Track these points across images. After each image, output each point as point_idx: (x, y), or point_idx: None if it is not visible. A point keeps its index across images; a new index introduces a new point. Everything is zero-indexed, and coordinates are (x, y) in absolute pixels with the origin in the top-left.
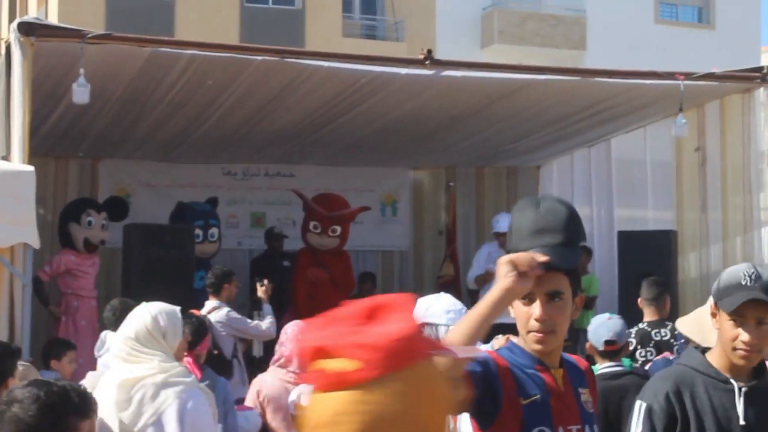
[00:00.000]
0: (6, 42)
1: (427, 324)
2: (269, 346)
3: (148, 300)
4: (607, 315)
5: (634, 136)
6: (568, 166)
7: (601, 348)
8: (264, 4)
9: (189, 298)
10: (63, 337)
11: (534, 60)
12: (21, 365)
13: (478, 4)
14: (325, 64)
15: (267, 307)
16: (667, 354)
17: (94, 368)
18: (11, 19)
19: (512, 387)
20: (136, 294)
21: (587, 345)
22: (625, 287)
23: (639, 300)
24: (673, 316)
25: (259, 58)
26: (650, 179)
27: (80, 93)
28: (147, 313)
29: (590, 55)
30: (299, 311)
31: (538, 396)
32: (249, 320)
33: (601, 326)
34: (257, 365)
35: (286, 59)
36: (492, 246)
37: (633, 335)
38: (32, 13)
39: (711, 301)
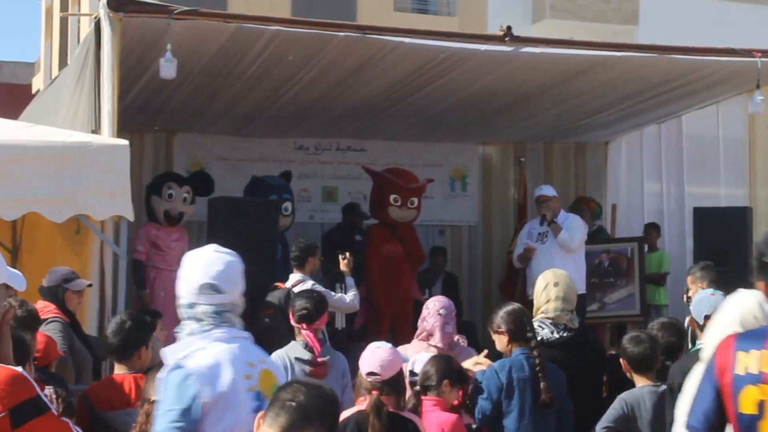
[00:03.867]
0: (95, 18)
1: None
2: (351, 318)
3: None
4: (710, 291)
5: (706, 112)
6: (638, 142)
7: (701, 322)
8: None
9: (273, 271)
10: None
11: (585, 35)
12: None
13: None
14: (407, 40)
15: (350, 280)
16: None
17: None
18: None
19: None
20: None
21: (688, 318)
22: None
23: (692, 279)
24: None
25: (342, 34)
26: (722, 156)
27: (167, 68)
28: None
29: (642, 31)
30: (373, 285)
31: None
32: (332, 293)
33: (703, 301)
34: (339, 338)
35: (368, 35)
36: (533, 223)
37: None
38: None
39: None
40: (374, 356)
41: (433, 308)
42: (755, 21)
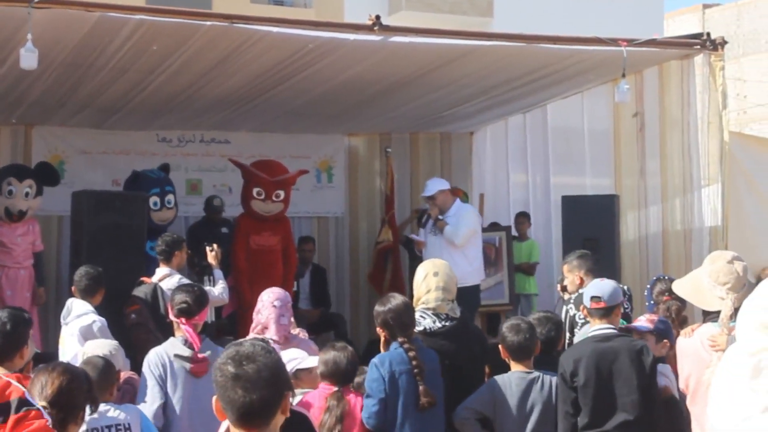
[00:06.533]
0: None
1: None
2: (220, 311)
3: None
4: (600, 279)
5: (571, 102)
6: (503, 133)
7: (588, 305)
8: None
9: (140, 266)
10: None
11: (441, 27)
12: None
13: None
14: (275, 29)
15: (218, 273)
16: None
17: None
18: None
19: None
20: (86, 262)
21: (581, 307)
22: (569, 251)
23: (569, 268)
24: (615, 278)
25: (208, 23)
26: (587, 145)
27: (28, 58)
28: None
29: (497, 22)
30: (240, 277)
31: None
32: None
33: (591, 286)
34: (209, 331)
35: (235, 24)
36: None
37: (573, 300)
38: None
39: None
40: None
41: (267, 300)
42: (606, 13)
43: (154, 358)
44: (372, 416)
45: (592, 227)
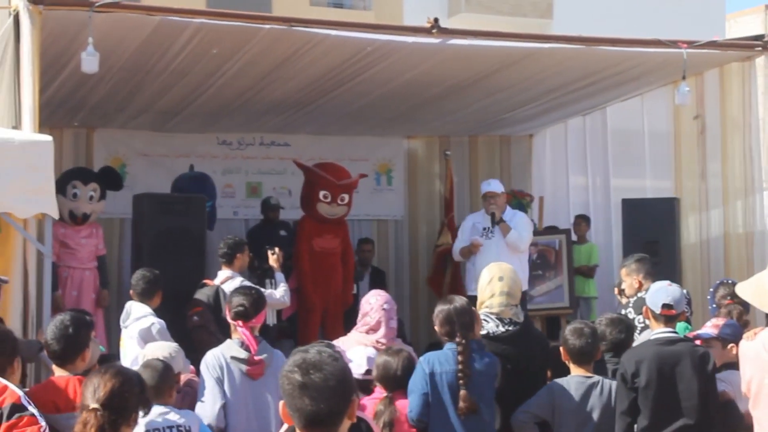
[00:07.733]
0: (14, 10)
1: None
2: (281, 313)
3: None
4: (667, 282)
5: (631, 104)
6: (562, 135)
7: (658, 311)
8: None
9: (200, 268)
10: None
11: (501, 29)
12: None
13: None
14: (333, 32)
15: (279, 276)
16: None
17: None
18: None
19: None
20: (147, 264)
21: (644, 309)
22: (629, 255)
23: (627, 271)
24: (676, 282)
25: (267, 26)
26: (647, 147)
27: (89, 62)
28: None
29: (557, 24)
30: (305, 279)
31: None
32: (261, 289)
33: (661, 291)
34: (270, 333)
35: (294, 27)
36: (477, 216)
37: (632, 304)
38: None
39: None
40: None
41: (377, 303)
42: (667, 15)
43: (212, 360)
44: (413, 410)
45: (652, 230)
